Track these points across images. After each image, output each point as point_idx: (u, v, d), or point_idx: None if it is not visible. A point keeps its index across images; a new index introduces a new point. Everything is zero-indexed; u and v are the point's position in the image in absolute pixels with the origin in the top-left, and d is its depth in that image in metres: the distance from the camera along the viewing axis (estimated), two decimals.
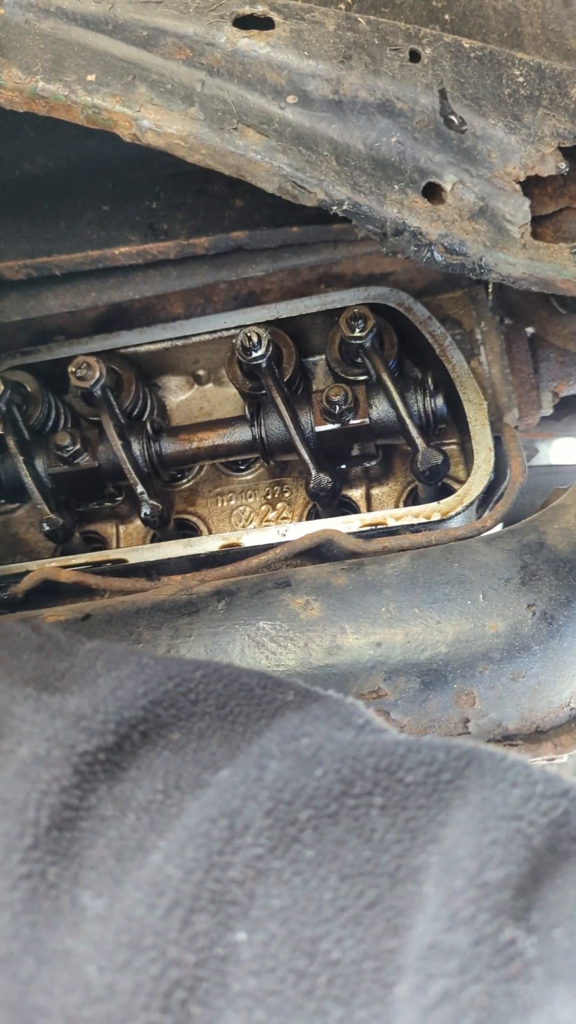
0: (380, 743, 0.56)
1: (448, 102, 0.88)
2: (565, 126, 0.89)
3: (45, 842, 0.54)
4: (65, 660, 0.68)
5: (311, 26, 0.88)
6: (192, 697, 0.63)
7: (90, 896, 0.52)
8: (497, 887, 0.46)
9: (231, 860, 0.51)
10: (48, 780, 0.56)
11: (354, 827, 0.52)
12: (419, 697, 0.89)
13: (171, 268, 1.15)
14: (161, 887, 0.51)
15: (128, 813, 0.56)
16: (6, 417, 1.13)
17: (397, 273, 1.15)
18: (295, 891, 0.50)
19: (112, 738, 0.59)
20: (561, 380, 1.22)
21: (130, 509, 1.21)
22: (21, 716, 0.61)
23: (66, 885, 0.53)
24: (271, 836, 0.52)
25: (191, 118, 0.87)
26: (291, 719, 0.60)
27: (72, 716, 0.60)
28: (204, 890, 0.50)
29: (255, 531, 1.07)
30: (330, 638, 0.90)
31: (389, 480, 1.17)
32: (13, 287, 1.17)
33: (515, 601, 0.89)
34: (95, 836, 0.55)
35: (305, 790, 0.54)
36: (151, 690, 0.62)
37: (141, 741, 0.60)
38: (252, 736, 0.60)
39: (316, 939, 0.48)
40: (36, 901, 0.52)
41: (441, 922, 0.46)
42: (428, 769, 0.54)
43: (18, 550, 1.22)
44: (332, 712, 0.61)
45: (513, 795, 0.51)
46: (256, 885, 0.51)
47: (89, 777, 0.57)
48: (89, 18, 0.89)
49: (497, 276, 0.91)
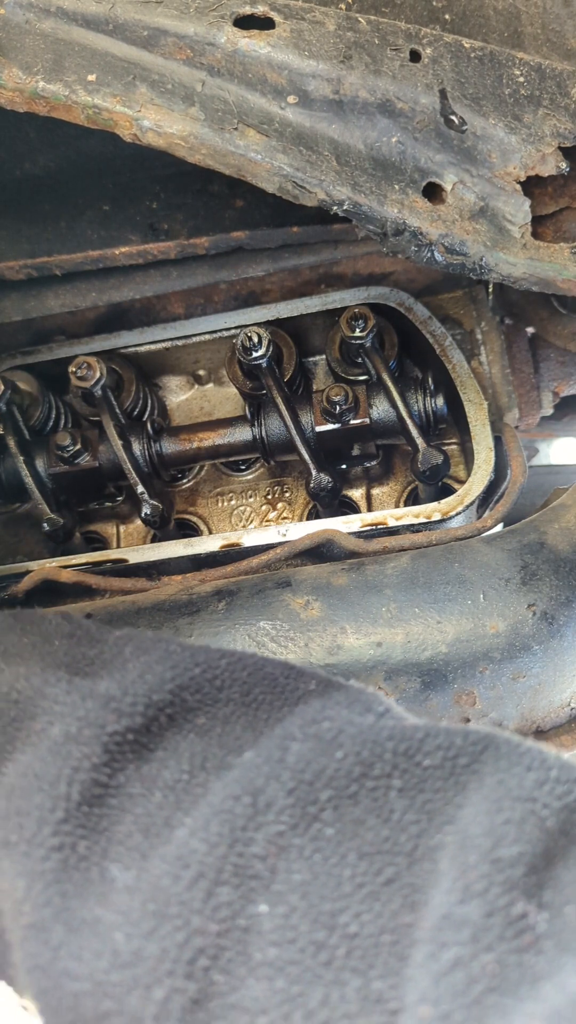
0: (399, 728, 0.58)
1: (448, 102, 0.88)
2: (565, 126, 0.89)
3: (76, 816, 0.56)
4: (95, 647, 0.70)
5: (311, 26, 0.88)
6: (218, 684, 0.64)
7: (118, 868, 0.54)
8: (510, 863, 0.48)
9: (254, 836, 0.53)
10: (79, 758, 0.58)
11: (373, 807, 0.54)
12: (420, 697, 0.89)
13: (171, 268, 1.15)
14: (186, 860, 0.52)
15: (155, 791, 0.58)
16: (6, 417, 1.13)
17: (397, 273, 1.16)
18: (315, 867, 0.52)
19: (140, 720, 0.61)
20: (561, 380, 1.22)
21: (130, 509, 1.21)
22: (53, 697, 0.63)
23: (95, 858, 0.55)
24: (293, 814, 0.54)
25: (191, 118, 0.87)
26: (313, 704, 0.62)
27: (102, 698, 0.62)
28: (228, 863, 0.52)
29: (255, 531, 1.07)
30: (331, 638, 0.90)
31: (389, 480, 1.17)
32: (13, 287, 1.17)
33: (515, 601, 0.89)
34: (123, 812, 0.57)
35: (326, 771, 0.55)
36: (178, 675, 0.64)
37: (168, 724, 0.62)
38: (275, 722, 0.62)
39: (335, 913, 0.50)
40: (67, 871, 0.54)
41: (455, 895, 0.47)
42: (446, 753, 0.55)
43: (18, 550, 1.22)
44: (353, 699, 0.62)
45: (528, 778, 0.52)
46: (278, 860, 0.52)
47: (118, 756, 0.59)
48: (89, 18, 0.89)
49: (497, 276, 0.91)
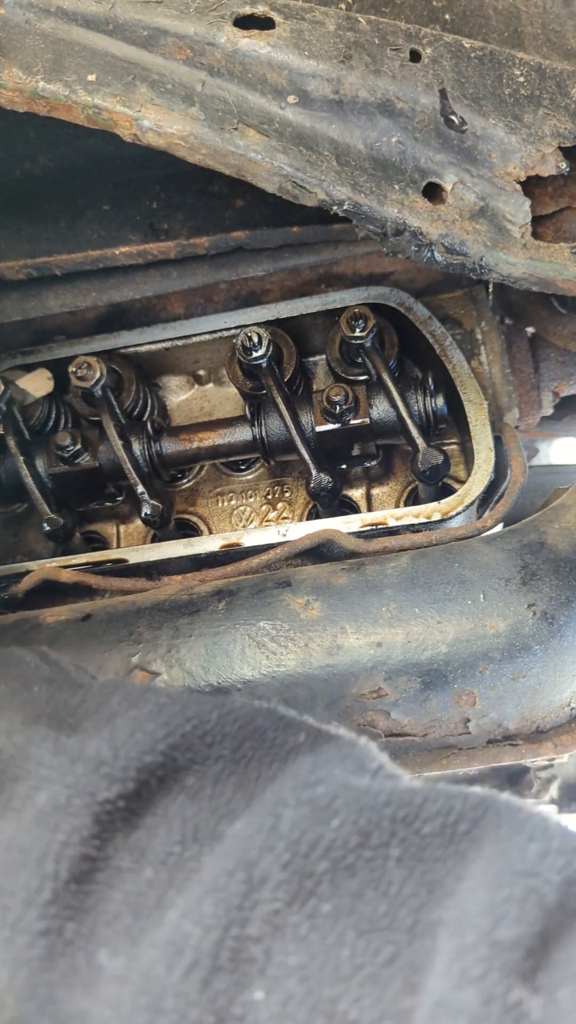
0: (396, 792, 0.55)
1: (448, 102, 0.88)
2: (565, 126, 0.89)
3: (63, 896, 0.53)
4: (77, 694, 0.67)
5: (311, 26, 0.88)
6: (208, 740, 0.61)
7: (107, 955, 0.51)
8: (509, 947, 0.46)
9: (249, 915, 0.51)
10: (68, 831, 0.55)
11: (371, 880, 0.52)
12: (420, 697, 0.89)
13: (171, 268, 1.15)
14: (179, 945, 0.50)
15: (145, 866, 0.55)
16: (6, 417, 1.13)
17: (397, 273, 1.15)
18: (312, 947, 0.50)
19: (132, 785, 0.57)
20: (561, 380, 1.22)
21: (130, 509, 1.21)
22: (39, 759, 0.60)
23: (82, 942, 0.52)
24: (288, 890, 0.52)
25: (191, 118, 0.87)
26: (304, 763, 0.59)
27: (92, 761, 0.58)
28: (223, 948, 0.49)
29: (255, 531, 1.07)
30: (331, 638, 0.90)
31: (389, 480, 1.17)
32: (13, 287, 1.17)
33: (515, 601, 0.89)
34: (111, 889, 0.54)
35: (322, 841, 0.53)
36: (170, 733, 0.60)
37: (158, 787, 0.59)
38: (266, 782, 0.59)
39: (334, 998, 0.48)
40: (53, 959, 0.51)
41: (451, 979, 0.46)
42: (445, 820, 0.53)
43: (18, 550, 1.22)
44: (345, 755, 0.60)
45: (530, 850, 0.50)
46: (273, 941, 0.50)
47: (108, 826, 0.56)
48: (89, 18, 0.89)
49: (497, 276, 0.91)
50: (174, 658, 0.92)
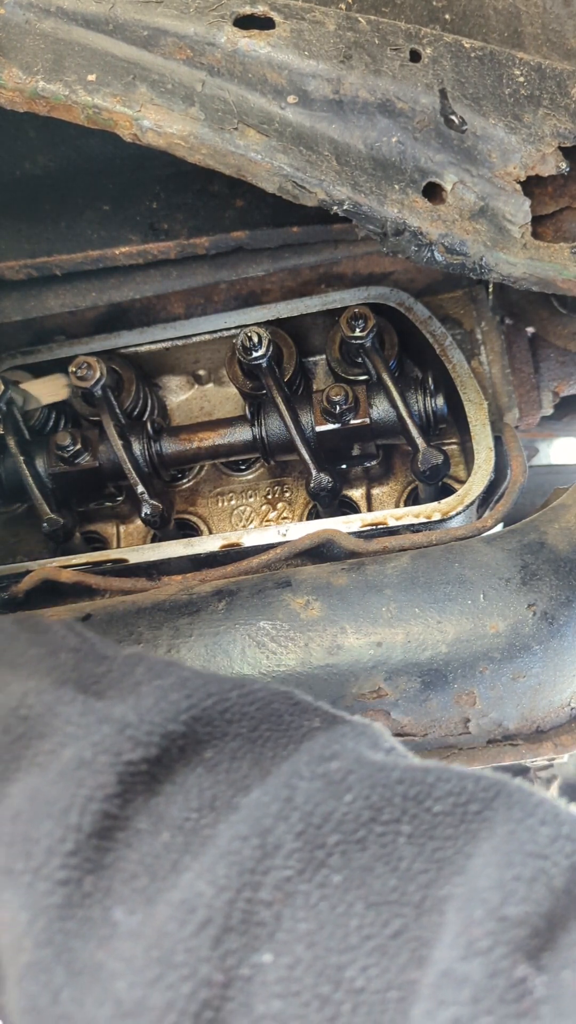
0: (409, 770, 0.56)
1: (448, 102, 0.88)
2: (566, 126, 0.89)
3: (84, 849, 0.53)
4: (103, 664, 0.68)
5: (311, 26, 0.88)
6: (228, 717, 0.62)
7: (122, 912, 0.52)
8: (516, 923, 0.46)
9: (262, 880, 0.51)
10: (93, 786, 0.56)
11: (381, 854, 0.52)
12: (420, 697, 0.89)
13: (171, 268, 1.15)
14: (192, 904, 0.50)
15: (163, 830, 0.55)
16: (6, 417, 1.13)
17: (397, 273, 1.15)
18: (322, 916, 0.50)
19: (155, 751, 0.58)
20: (561, 380, 1.22)
21: (130, 509, 1.21)
22: (66, 717, 0.61)
23: (99, 896, 0.53)
24: (301, 858, 0.52)
25: (191, 118, 0.87)
26: (318, 740, 0.60)
27: (118, 723, 0.59)
28: (235, 909, 0.50)
29: (255, 531, 1.07)
30: (331, 638, 0.90)
31: (389, 480, 1.17)
32: (13, 287, 1.17)
33: (516, 601, 0.89)
34: (129, 849, 0.55)
35: (334, 814, 0.54)
36: (193, 706, 0.61)
37: (178, 756, 0.59)
38: (280, 760, 0.60)
39: (341, 966, 0.48)
40: (71, 909, 0.52)
41: (458, 950, 0.46)
42: (456, 799, 0.54)
43: (18, 550, 1.22)
44: (359, 733, 0.61)
45: (541, 833, 0.51)
46: (284, 907, 0.51)
47: (130, 787, 0.57)
48: (89, 18, 0.89)
49: (497, 276, 0.91)
50: (174, 658, 0.92)
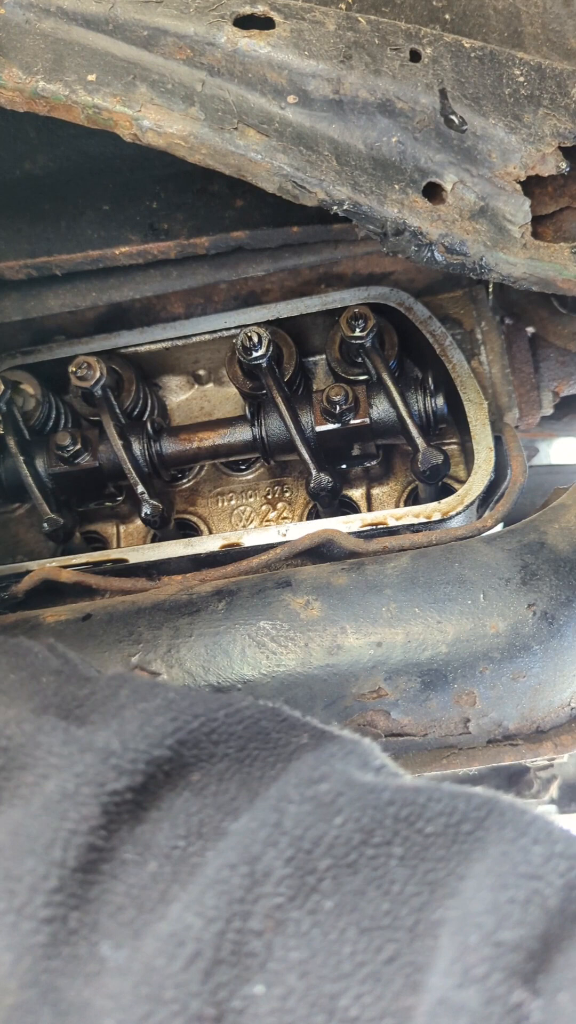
0: (400, 790, 0.55)
1: (448, 102, 0.88)
2: (565, 126, 0.89)
3: (69, 885, 0.52)
4: (85, 686, 0.67)
5: (311, 26, 0.88)
6: (214, 738, 0.61)
7: (109, 947, 0.51)
8: (511, 948, 0.46)
9: (251, 909, 0.50)
10: (76, 819, 0.54)
11: (373, 878, 0.52)
12: (420, 697, 0.89)
13: (171, 268, 1.15)
14: (181, 937, 0.49)
15: (150, 859, 0.54)
16: (6, 417, 1.13)
17: (397, 273, 1.15)
18: (314, 943, 0.49)
19: (140, 778, 0.57)
20: (561, 380, 1.22)
21: (130, 509, 1.21)
22: (48, 747, 0.59)
23: (85, 931, 0.52)
24: (291, 885, 0.51)
25: (191, 118, 0.87)
26: (307, 761, 0.59)
27: (101, 752, 0.58)
28: (225, 940, 0.49)
29: (255, 531, 1.07)
30: (331, 638, 0.90)
31: (389, 480, 1.17)
32: (13, 287, 1.17)
33: (515, 601, 0.89)
34: (115, 881, 0.54)
35: (325, 838, 0.53)
36: (178, 728, 0.60)
37: (164, 781, 0.58)
38: (270, 781, 0.59)
39: (335, 995, 0.47)
40: (56, 947, 0.51)
41: (453, 978, 0.46)
42: (448, 820, 0.53)
43: (18, 550, 1.22)
44: (348, 751, 0.60)
45: (534, 852, 0.50)
46: (275, 936, 0.50)
47: (115, 817, 0.55)
48: (89, 18, 0.89)
49: (497, 276, 0.91)
50: (174, 658, 0.92)
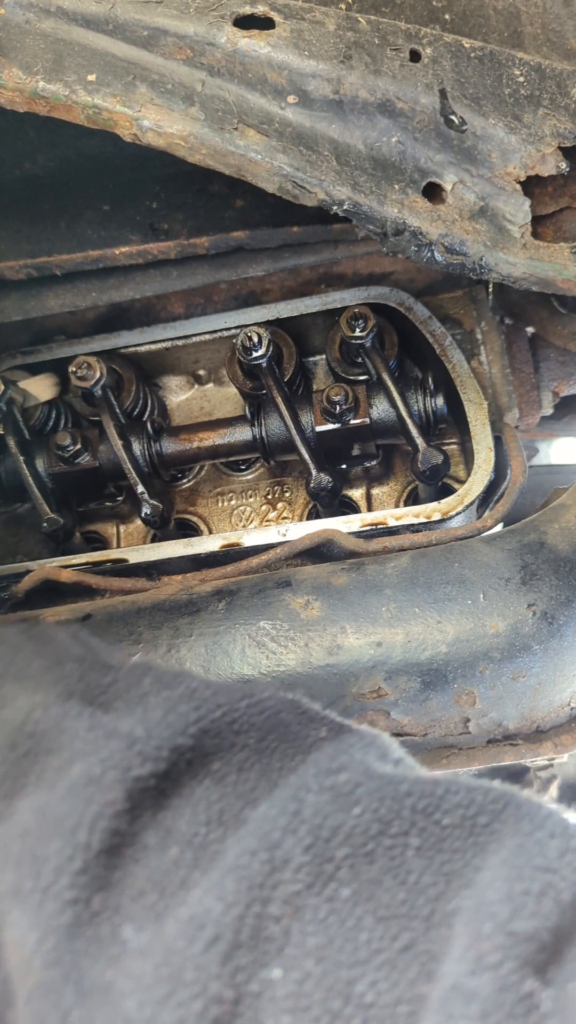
0: (419, 782, 0.56)
1: (448, 102, 0.88)
2: (565, 126, 0.89)
3: (93, 867, 0.53)
4: (108, 673, 0.67)
5: (311, 26, 0.88)
6: (236, 728, 0.62)
7: (131, 930, 0.52)
8: (525, 938, 0.47)
9: (271, 895, 0.51)
10: (102, 803, 0.55)
11: (390, 867, 0.52)
12: (420, 697, 0.89)
13: (171, 268, 1.15)
14: (201, 920, 0.50)
15: (171, 845, 0.55)
16: (6, 417, 1.13)
17: (397, 273, 1.16)
18: (331, 930, 0.50)
19: (164, 765, 0.58)
20: (561, 380, 1.22)
21: (130, 509, 1.21)
22: (73, 732, 0.60)
23: (108, 913, 0.52)
24: (309, 872, 0.52)
25: (191, 118, 0.87)
26: (326, 751, 0.60)
27: (126, 738, 0.59)
28: (244, 925, 0.50)
29: (255, 531, 1.07)
30: (331, 638, 0.90)
31: (389, 480, 1.17)
32: (13, 287, 1.17)
33: (515, 601, 0.89)
34: (137, 865, 0.54)
35: (343, 827, 0.54)
36: (201, 718, 0.61)
37: (186, 769, 0.59)
38: (288, 772, 0.59)
39: (351, 980, 0.48)
40: (80, 928, 0.52)
41: (466, 964, 0.46)
42: (465, 812, 0.54)
43: (18, 550, 1.22)
44: (368, 743, 0.60)
45: (550, 846, 0.51)
46: (293, 922, 0.50)
47: (138, 803, 0.56)
48: (90, 18, 0.89)
49: (497, 276, 0.91)
50: (174, 658, 0.92)
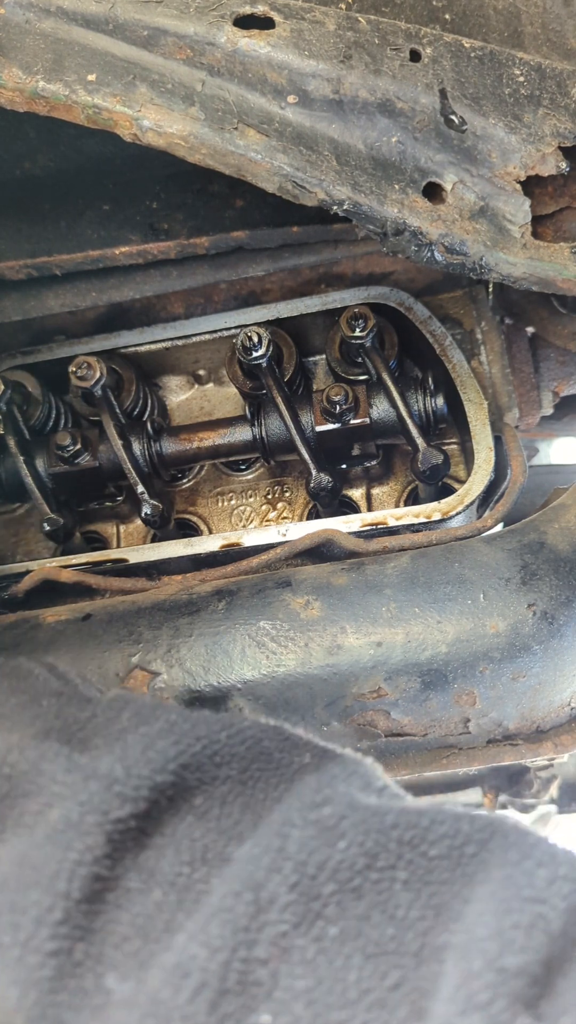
0: (404, 812, 0.55)
1: (448, 102, 0.88)
2: (565, 125, 0.89)
3: (74, 916, 0.52)
4: (86, 709, 0.66)
5: (311, 26, 0.88)
6: (217, 760, 0.61)
7: (115, 979, 0.51)
8: (515, 974, 0.46)
9: (257, 937, 0.50)
10: (81, 849, 0.54)
11: (378, 902, 0.51)
12: (420, 697, 0.89)
13: (171, 268, 1.15)
14: (186, 968, 0.49)
15: (154, 888, 0.54)
16: (6, 417, 1.13)
17: (397, 273, 1.15)
18: (319, 971, 0.49)
19: (144, 804, 0.57)
20: (561, 380, 1.22)
21: (130, 509, 1.21)
22: (51, 775, 0.59)
23: (90, 963, 0.51)
24: (296, 911, 0.51)
25: (191, 118, 0.87)
26: (309, 783, 0.59)
27: (105, 779, 0.58)
28: (231, 970, 0.49)
29: (255, 531, 1.07)
30: (331, 638, 0.90)
31: (389, 480, 1.17)
32: (13, 287, 1.17)
33: (515, 601, 0.89)
34: (120, 910, 0.53)
35: (329, 863, 0.53)
36: (182, 752, 0.60)
37: (167, 806, 0.58)
38: (272, 804, 0.59)
39: (341, 1022, 0.47)
40: (62, 980, 0.51)
41: (457, 1005, 0.45)
42: (452, 842, 0.53)
43: (18, 550, 1.22)
44: (351, 772, 0.60)
45: (538, 876, 0.50)
46: (280, 964, 0.50)
47: (119, 845, 0.55)
48: (89, 18, 0.89)
49: (497, 276, 0.91)
50: (174, 658, 0.92)
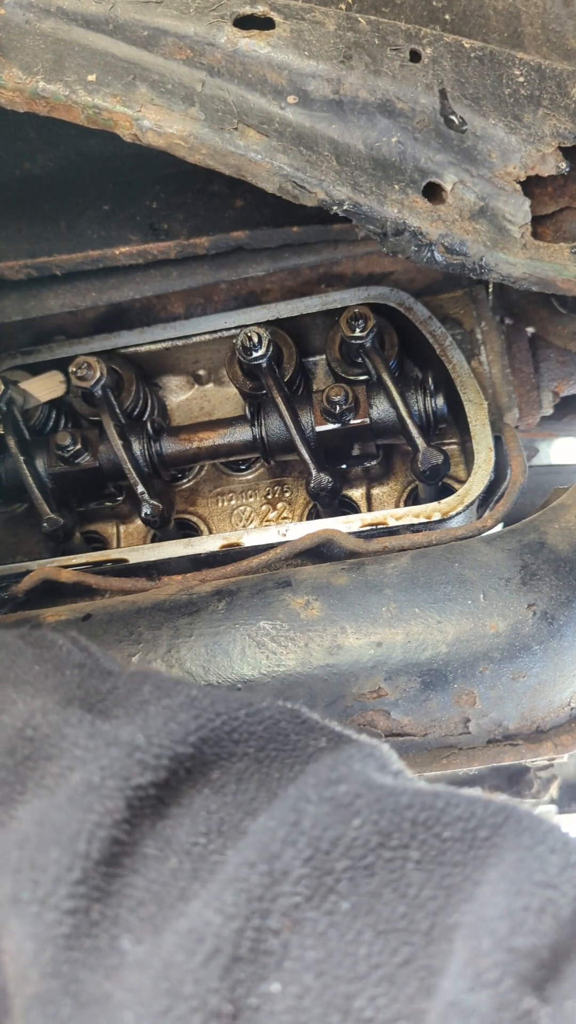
0: (419, 794, 0.55)
1: (448, 102, 0.88)
2: (565, 126, 0.89)
3: (92, 877, 0.53)
4: (107, 680, 0.67)
5: (311, 26, 0.88)
6: (235, 737, 0.61)
7: (130, 941, 0.51)
8: (524, 955, 0.46)
9: (270, 907, 0.51)
10: (101, 812, 0.55)
11: (390, 880, 0.52)
12: (420, 697, 0.89)
13: (171, 268, 1.15)
14: (200, 933, 0.50)
15: (170, 855, 0.55)
16: (6, 417, 1.13)
17: (397, 273, 1.15)
18: (330, 944, 0.50)
19: (164, 773, 0.58)
20: (561, 380, 1.22)
21: (130, 509, 1.21)
22: (73, 739, 0.60)
23: (106, 924, 0.52)
24: (309, 884, 0.52)
25: (191, 118, 0.87)
26: (325, 761, 0.59)
27: (127, 746, 0.58)
28: (244, 938, 0.49)
29: (255, 531, 1.07)
30: (331, 638, 0.90)
31: (390, 480, 1.17)
32: (13, 287, 1.17)
33: (515, 601, 0.89)
34: (135, 875, 0.54)
35: (343, 840, 0.53)
36: (201, 726, 0.60)
37: (186, 778, 0.59)
38: (287, 782, 0.59)
39: (350, 995, 0.48)
40: (78, 939, 0.51)
41: (465, 981, 0.46)
42: (465, 825, 0.53)
43: (18, 550, 1.22)
44: (367, 754, 0.60)
45: (551, 862, 0.50)
46: (292, 935, 0.50)
47: (138, 811, 0.56)
48: (90, 18, 0.89)
49: (497, 276, 0.91)
50: (174, 658, 0.92)
